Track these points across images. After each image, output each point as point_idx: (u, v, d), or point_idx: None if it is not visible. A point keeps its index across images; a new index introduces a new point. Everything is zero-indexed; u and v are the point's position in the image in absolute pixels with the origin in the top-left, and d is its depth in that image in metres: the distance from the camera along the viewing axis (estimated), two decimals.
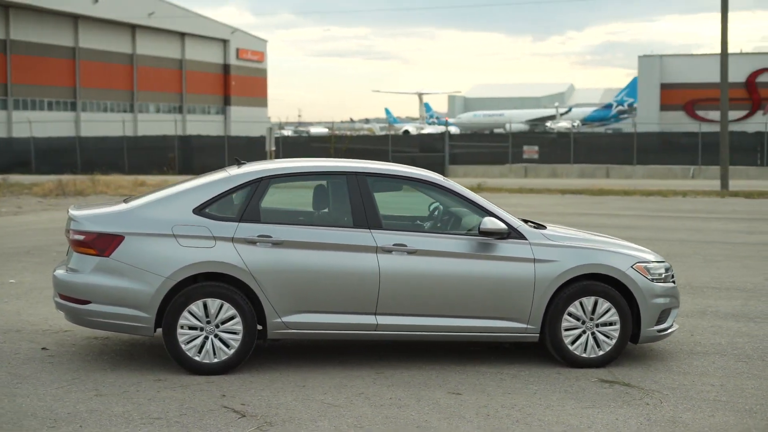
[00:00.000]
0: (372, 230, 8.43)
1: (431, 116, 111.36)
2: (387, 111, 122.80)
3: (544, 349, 8.95)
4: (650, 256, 8.96)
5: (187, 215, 8.33)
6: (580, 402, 7.59)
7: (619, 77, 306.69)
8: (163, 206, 8.43)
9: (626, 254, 8.78)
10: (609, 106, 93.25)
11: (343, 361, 8.76)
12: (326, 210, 8.89)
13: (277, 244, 8.28)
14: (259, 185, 8.53)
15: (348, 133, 70.77)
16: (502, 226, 8.50)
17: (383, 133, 77.81)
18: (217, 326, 8.19)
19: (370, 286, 8.31)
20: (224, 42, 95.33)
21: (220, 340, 8.21)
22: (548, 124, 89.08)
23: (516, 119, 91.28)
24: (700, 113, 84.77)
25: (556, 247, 8.61)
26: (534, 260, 8.51)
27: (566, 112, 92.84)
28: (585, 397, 7.74)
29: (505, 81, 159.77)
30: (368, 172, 8.73)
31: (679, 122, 78.08)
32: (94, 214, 8.51)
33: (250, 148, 47.33)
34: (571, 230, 9.42)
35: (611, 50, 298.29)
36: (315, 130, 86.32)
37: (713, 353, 9.27)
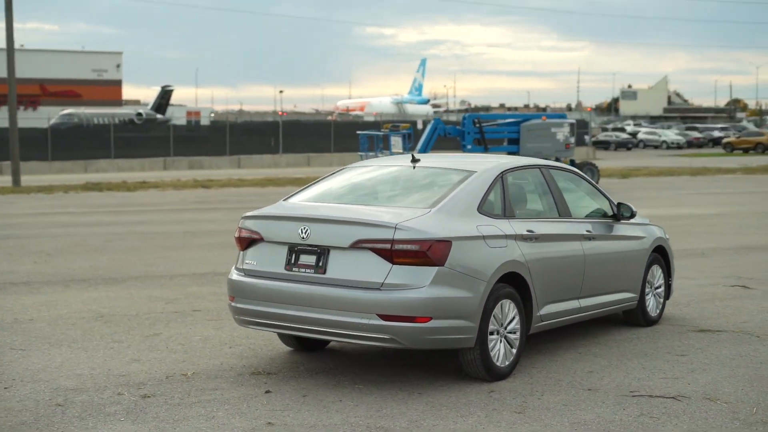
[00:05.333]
0: (570, 220, 8.91)
1: None
2: None
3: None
4: None
5: (476, 215, 7.85)
6: (751, 345, 9.28)
7: None
8: (459, 206, 7.78)
9: (659, 227, 10.56)
10: None
11: (539, 349, 8.97)
12: (542, 201, 8.91)
13: (538, 238, 8.30)
14: (502, 181, 8.34)
15: None
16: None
17: None
18: (505, 328, 7.95)
19: (580, 272, 8.84)
20: None
21: (507, 341, 7.98)
22: None
23: None
24: None
25: (641, 225, 10.06)
26: (638, 237, 9.86)
27: None
28: (733, 342, 9.39)
29: None
30: (550, 165, 9.14)
31: None
32: (421, 218, 7.45)
33: None
34: None
35: None
36: None
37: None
